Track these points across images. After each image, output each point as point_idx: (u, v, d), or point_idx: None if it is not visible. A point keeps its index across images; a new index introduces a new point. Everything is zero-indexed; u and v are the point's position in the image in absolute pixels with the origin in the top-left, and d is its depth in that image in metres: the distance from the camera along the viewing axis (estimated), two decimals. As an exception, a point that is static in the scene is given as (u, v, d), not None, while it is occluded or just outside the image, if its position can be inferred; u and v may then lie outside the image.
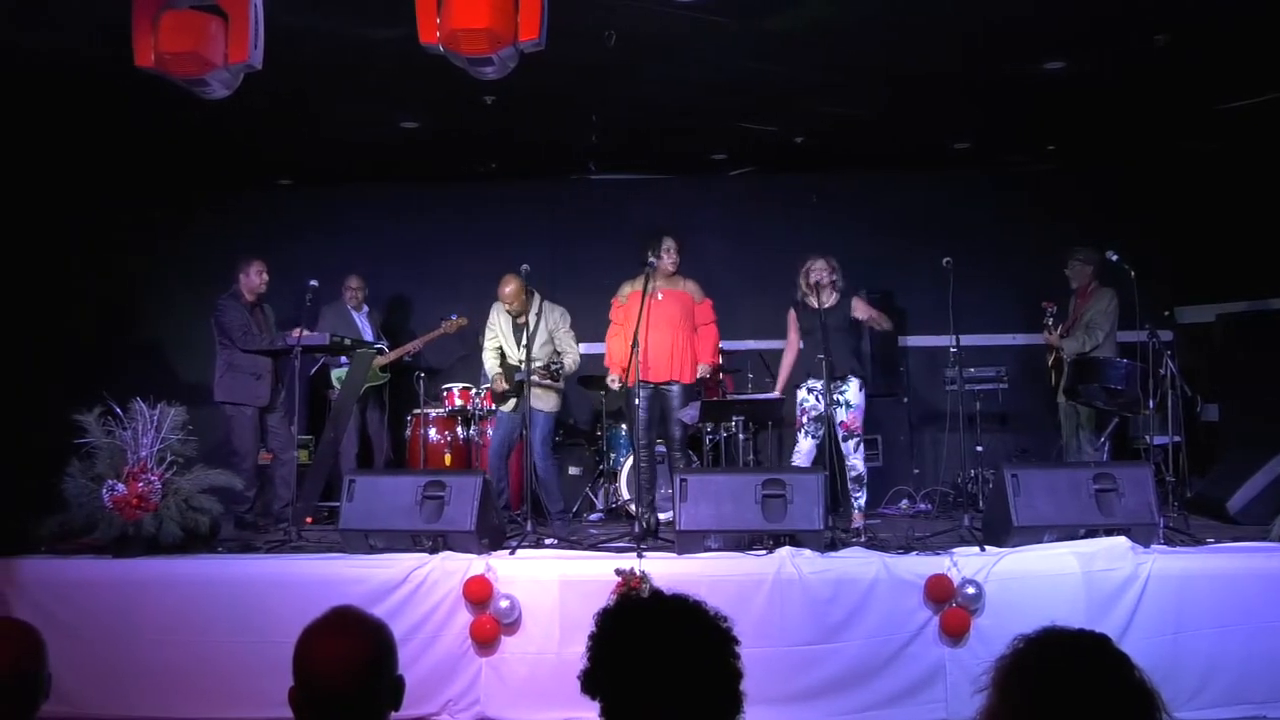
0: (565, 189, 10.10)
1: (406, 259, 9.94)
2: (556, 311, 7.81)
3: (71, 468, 6.42)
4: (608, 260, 8.64)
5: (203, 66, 4.97)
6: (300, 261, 8.71)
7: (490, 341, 7.98)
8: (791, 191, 9.82)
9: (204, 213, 9.88)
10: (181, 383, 9.05)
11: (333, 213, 10.00)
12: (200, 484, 6.55)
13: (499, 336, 7.92)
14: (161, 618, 6.05)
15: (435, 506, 6.28)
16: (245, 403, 7.97)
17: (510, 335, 7.82)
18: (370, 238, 9.92)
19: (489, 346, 7.98)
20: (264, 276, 8.17)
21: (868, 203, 9.75)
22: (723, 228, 9.82)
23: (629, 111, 8.14)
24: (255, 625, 5.90)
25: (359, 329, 8.94)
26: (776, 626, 5.77)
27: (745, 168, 9.84)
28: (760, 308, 9.31)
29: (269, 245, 8.78)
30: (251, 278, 8.16)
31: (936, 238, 8.34)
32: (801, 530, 6.12)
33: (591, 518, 8.57)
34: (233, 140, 8.54)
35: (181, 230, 9.86)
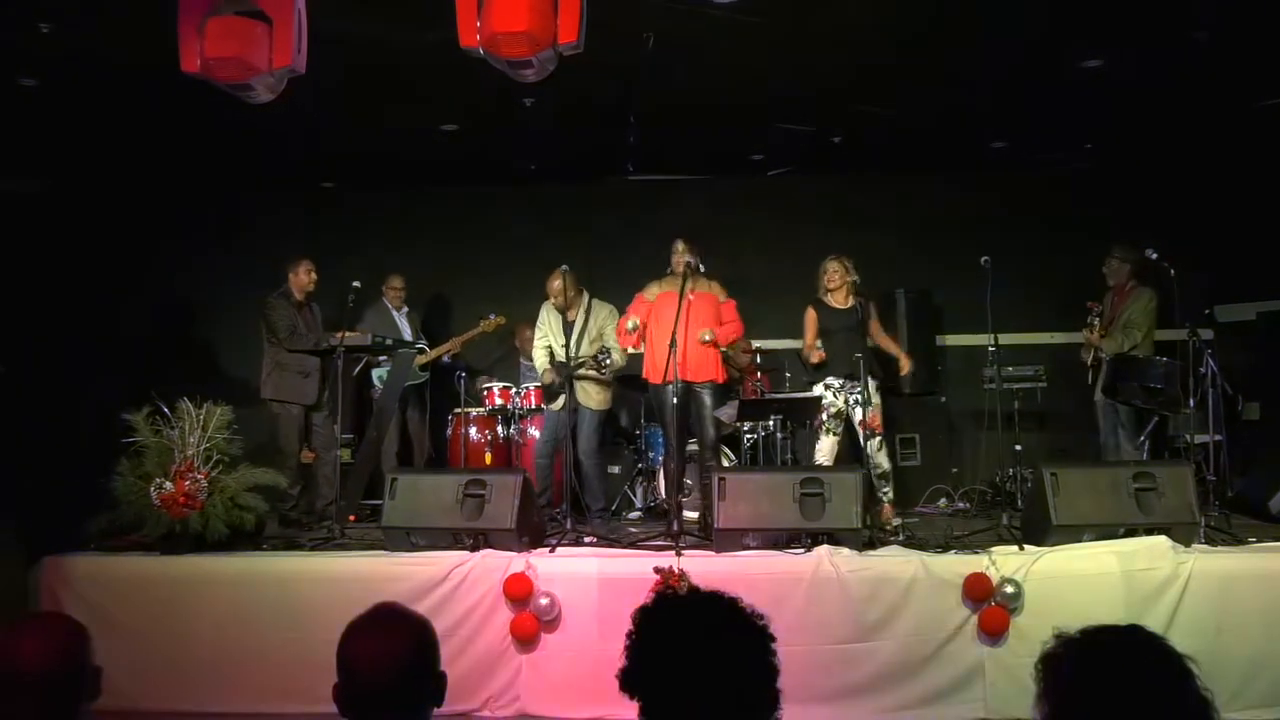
0: (603, 190, 10.10)
1: (445, 260, 9.99)
2: (605, 309, 7.86)
3: (120, 466, 6.50)
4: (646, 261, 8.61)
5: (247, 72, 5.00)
6: (342, 263, 8.75)
7: (540, 340, 8.04)
8: (830, 191, 9.78)
9: (251, 213, 9.95)
10: (228, 381, 9.13)
11: (374, 214, 10.05)
12: (245, 482, 6.62)
13: (548, 335, 7.97)
14: (208, 614, 6.11)
15: (476, 505, 6.30)
16: (292, 400, 8.03)
17: (560, 333, 7.88)
18: (410, 238, 9.97)
19: (539, 345, 8.05)
20: (312, 275, 8.25)
21: (906, 202, 9.69)
22: (761, 227, 9.79)
23: (666, 112, 8.13)
24: (299, 622, 5.95)
25: (400, 329, 8.99)
26: (814, 624, 5.75)
27: (783, 168, 9.81)
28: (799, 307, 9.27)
29: (313, 246, 8.84)
30: (300, 276, 8.24)
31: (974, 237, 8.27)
32: (839, 529, 6.10)
33: (630, 516, 8.56)
34: (275, 144, 8.60)
35: (230, 230, 9.93)
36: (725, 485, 6.26)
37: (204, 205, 9.90)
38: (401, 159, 9.35)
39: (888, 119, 8.27)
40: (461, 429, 8.82)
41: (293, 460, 7.97)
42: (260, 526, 6.79)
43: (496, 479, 6.41)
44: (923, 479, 8.97)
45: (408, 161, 9.43)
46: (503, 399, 8.83)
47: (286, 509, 7.80)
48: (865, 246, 7.76)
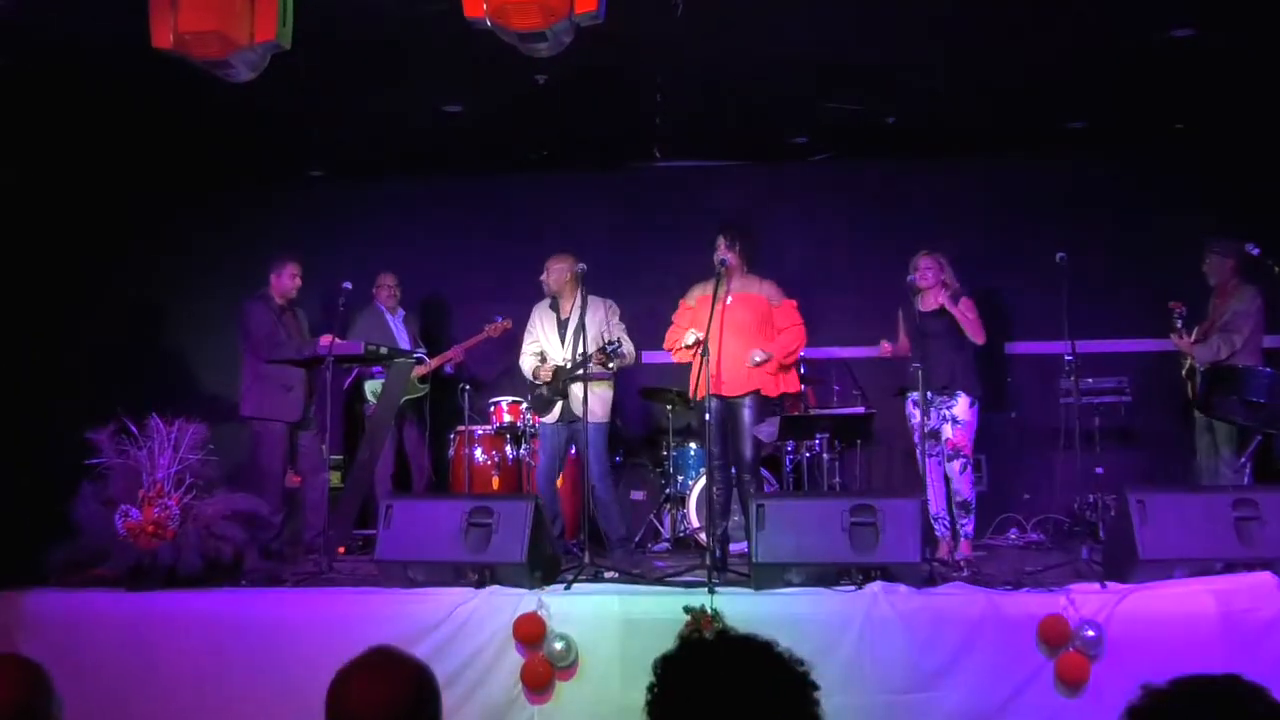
0: (626, 179, 10.12)
1: (447, 257, 10.03)
2: (604, 304, 7.84)
3: (82, 491, 6.53)
4: (674, 258, 8.64)
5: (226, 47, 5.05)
6: (331, 261, 8.82)
7: (529, 346, 8.05)
8: (882, 178, 9.77)
9: (227, 207, 10.02)
10: (203, 396, 9.19)
11: (367, 207, 10.11)
12: (223, 509, 6.63)
13: (539, 339, 7.98)
14: (179, 656, 6.11)
15: (482, 535, 6.30)
16: (274, 418, 8.08)
17: (554, 336, 7.88)
18: (408, 234, 10.02)
19: (528, 352, 8.06)
20: (297, 280, 8.30)
21: (969, 192, 9.66)
22: (803, 220, 9.79)
23: (698, 90, 8.13)
24: (283, 666, 5.94)
25: (395, 335, 9.02)
26: (867, 672, 5.71)
27: (829, 153, 9.80)
28: (846, 311, 9.27)
29: (297, 242, 8.89)
30: (284, 280, 8.28)
31: (1048, 230, 8.26)
32: (895, 563, 6.06)
33: (656, 548, 8.56)
34: (258, 128, 8.65)
35: (203, 227, 10.01)
36: (764, 513, 6.22)
37: (176, 198, 9.96)
38: (398, 144, 9.39)
39: (948, 96, 8.25)
40: (465, 449, 8.84)
41: (276, 484, 8.01)
42: (239, 559, 6.78)
43: (505, 506, 6.39)
44: (990, 507, 8.92)
45: (405, 147, 9.48)
46: (512, 415, 8.84)
47: (269, 539, 7.81)
48: (921, 241, 7.73)
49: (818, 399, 9.07)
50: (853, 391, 8.96)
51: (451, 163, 9.86)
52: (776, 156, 9.85)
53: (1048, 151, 9.52)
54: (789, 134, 9.40)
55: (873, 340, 7.96)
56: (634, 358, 7.87)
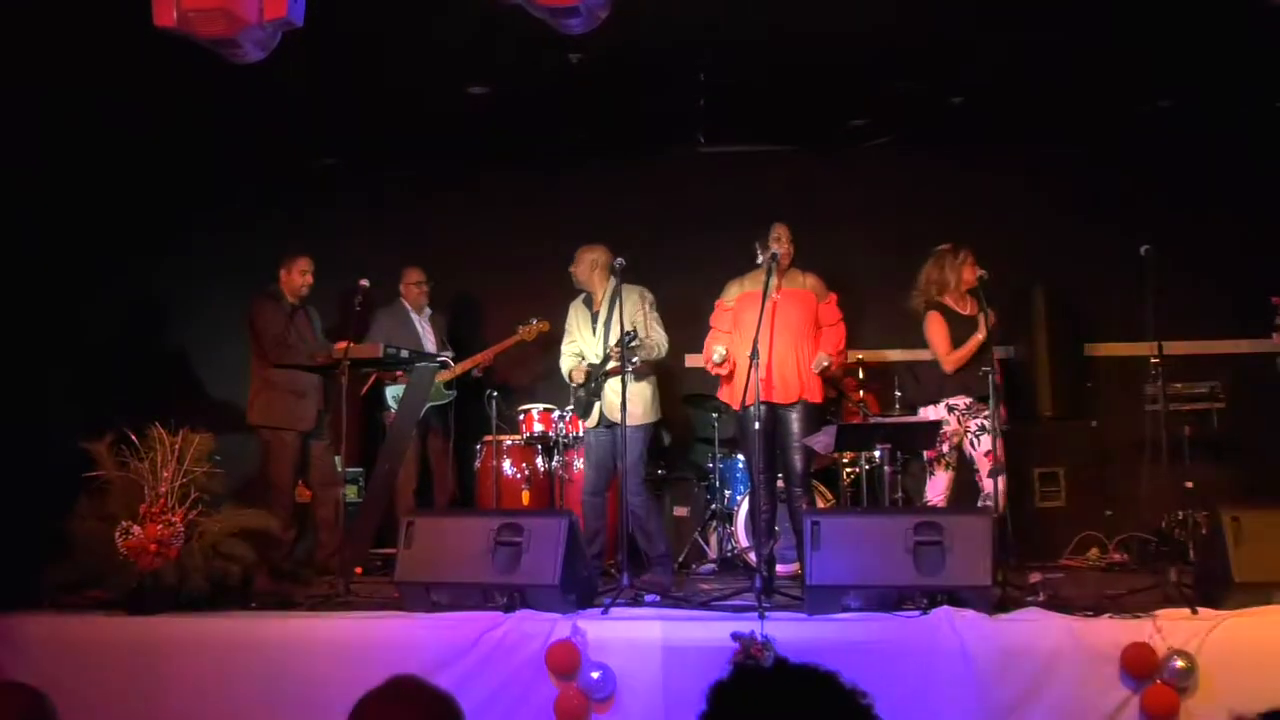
0: (666, 166, 10.11)
1: (475, 252, 10.06)
2: (635, 292, 7.81)
3: (79, 506, 6.59)
4: (719, 252, 8.62)
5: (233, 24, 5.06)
6: (347, 256, 8.84)
7: (568, 346, 8.07)
8: (946, 165, 9.72)
9: (233, 199, 10.08)
10: (210, 402, 9.26)
11: (385, 197, 10.16)
12: (230, 526, 6.68)
13: (576, 339, 8.01)
14: (183, 685, 6.14)
15: (511, 554, 6.31)
16: (285, 426, 8.12)
17: (589, 332, 7.91)
18: (431, 227, 10.07)
19: (567, 352, 8.07)
20: (308, 277, 8.34)
21: (1043, 178, 9.61)
22: (861, 211, 9.76)
23: (745, 69, 8.12)
24: (295, 697, 5.97)
25: (419, 337, 9.06)
26: (932, 706, 5.70)
27: (888, 136, 9.76)
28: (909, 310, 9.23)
29: (309, 236, 8.93)
30: (294, 276, 8.33)
31: (1131, 220, 8.19)
32: (964, 586, 6.03)
33: (702, 570, 8.55)
34: (267, 112, 8.70)
35: (207, 220, 10.07)
36: (819, 531, 6.22)
37: (179, 188, 10.01)
38: (420, 129, 9.42)
39: (1021, 73, 8.20)
40: (493, 461, 8.86)
41: (287, 499, 8.05)
42: (248, 580, 6.84)
43: (536, 523, 6.42)
44: (1068, 524, 8.87)
45: (428, 132, 9.50)
46: (544, 424, 8.85)
47: (280, 559, 7.86)
48: (991, 233, 7.70)
49: (878, 405, 9.03)
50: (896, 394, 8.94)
51: (478, 150, 9.87)
52: (831, 141, 9.81)
53: (1131, 133, 9.44)
54: (846, 116, 9.37)
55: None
56: (663, 349, 7.79)
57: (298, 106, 8.63)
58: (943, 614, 5.93)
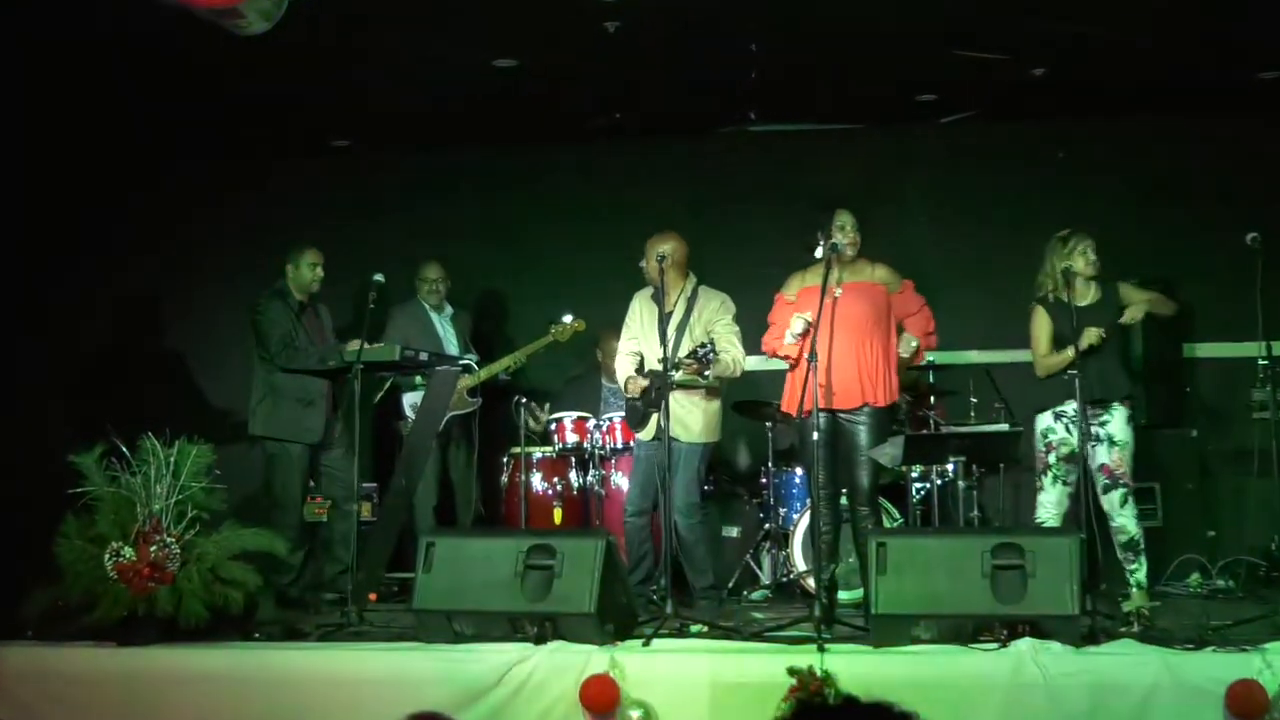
0: (714, 146, 10.12)
1: (502, 244, 10.07)
2: (716, 299, 7.78)
3: (65, 526, 6.59)
4: (772, 242, 8.60)
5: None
6: (360, 248, 8.84)
7: (627, 343, 8.00)
8: (1029, 144, 9.68)
9: (233, 185, 10.12)
10: (209, 411, 9.29)
11: (403, 183, 10.18)
12: (231, 547, 6.69)
13: (638, 337, 7.93)
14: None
15: (542, 579, 6.30)
16: (290, 438, 8.13)
17: (653, 333, 7.74)
18: (453, 216, 10.08)
19: (625, 350, 7.99)
20: (318, 271, 8.36)
21: (1137, 158, 9.55)
22: (931, 195, 9.73)
23: (802, 38, 8.09)
24: (303, 737, 6.00)
25: (439, 338, 9.06)
26: (1013, 750, 5.67)
27: (963, 113, 9.73)
28: (983, 305, 9.18)
29: (318, 226, 8.95)
30: (302, 271, 8.35)
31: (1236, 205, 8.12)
32: (1048, 615, 5.99)
33: (754, 597, 8.52)
34: (270, 88, 8.72)
35: (209, 206, 10.12)
36: (886, 553, 6.19)
37: (174, 173, 10.07)
38: (441, 107, 9.43)
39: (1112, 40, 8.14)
40: (522, 475, 8.84)
41: (294, 518, 8.06)
42: (251, 607, 6.85)
43: (570, 544, 6.41)
44: (1166, 546, 8.77)
45: (449, 111, 9.52)
46: (578, 434, 8.84)
47: (286, 584, 7.87)
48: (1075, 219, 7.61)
49: (950, 413, 8.98)
50: (994, 404, 8.85)
51: (504, 130, 9.89)
52: (898, 118, 9.81)
53: (1236, 109, 9.37)
54: (914, 90, 9.33)
55: (1016, 341, 7.84)
56: (739, 368, 7.73)
57: (305, 81, 8.64)
58: (1024, 647, 5.89)
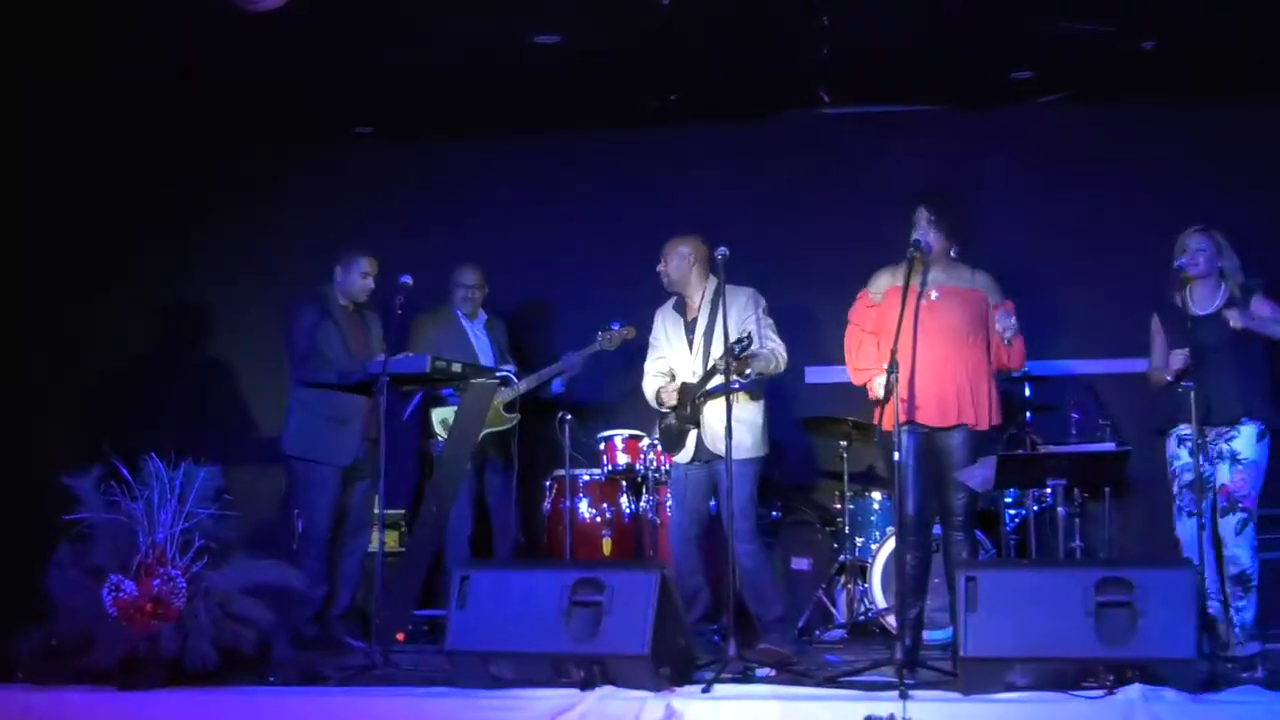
0: (781, 131, 10.09)
1: (541, 241, 10.11)
2: (743, 295, 7.70)
3: (58, 556, 6.63)
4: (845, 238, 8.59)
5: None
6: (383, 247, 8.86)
7: (653, 364, 7.98)
8: (1140, 127, 9.63)
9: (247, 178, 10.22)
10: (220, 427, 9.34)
11: (432, 175, 10.24)
12: (244, 581, 6.70)
13: (664, 352, 7.91)
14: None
15: (590, 617, 6.29)
16: (319, 460, 8.13)
17: (681, 344, 7.78)
18: (488, 212, 10.12)
19: (651, 370, 7.98)
20: (369, 281, 8.34)
21: (1259, 143, 9.49)
22: (1025, 186, 9.70)
23: (879, 8, 8.08)
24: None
25: (473, 347, 9.08)
26: (1122, 810, 5.63)
27: (1062, 92, 9.68)
28: (1086, 310, 9.15)
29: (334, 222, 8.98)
30: (353, 278, 8.34)
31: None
32: (1161, 659, 5.94)
33: (828, 636, 8.49)
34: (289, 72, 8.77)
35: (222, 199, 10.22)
36: (977, 588, 6.15)
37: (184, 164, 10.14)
38: (474, 89, 9.46)
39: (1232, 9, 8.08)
40: (567, 500, 8.85)
41: (318, 549, 8.07)
42: (265, 648, 6.85)
43: (621, 578, 6.39)
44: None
45: (484, 94, 9.55)
46: (630, 454, 8.87)
47: (305, 621, 7.90)
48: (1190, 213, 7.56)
49: (1049, 432, 8.93)
50: (1099, 421, 8.80)
51: (545, 115, 9.92)
52: (989, 98, 9.78)
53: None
54: (1008, 67, 9.30)
55: (1123, 349, 7.80)
56: (782, 361, 7.69)
57: (324, 62, 8.69)
58: (1134, 694, 5.83)
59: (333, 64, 8.76)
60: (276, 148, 10.13)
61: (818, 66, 8.98)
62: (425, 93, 9.52)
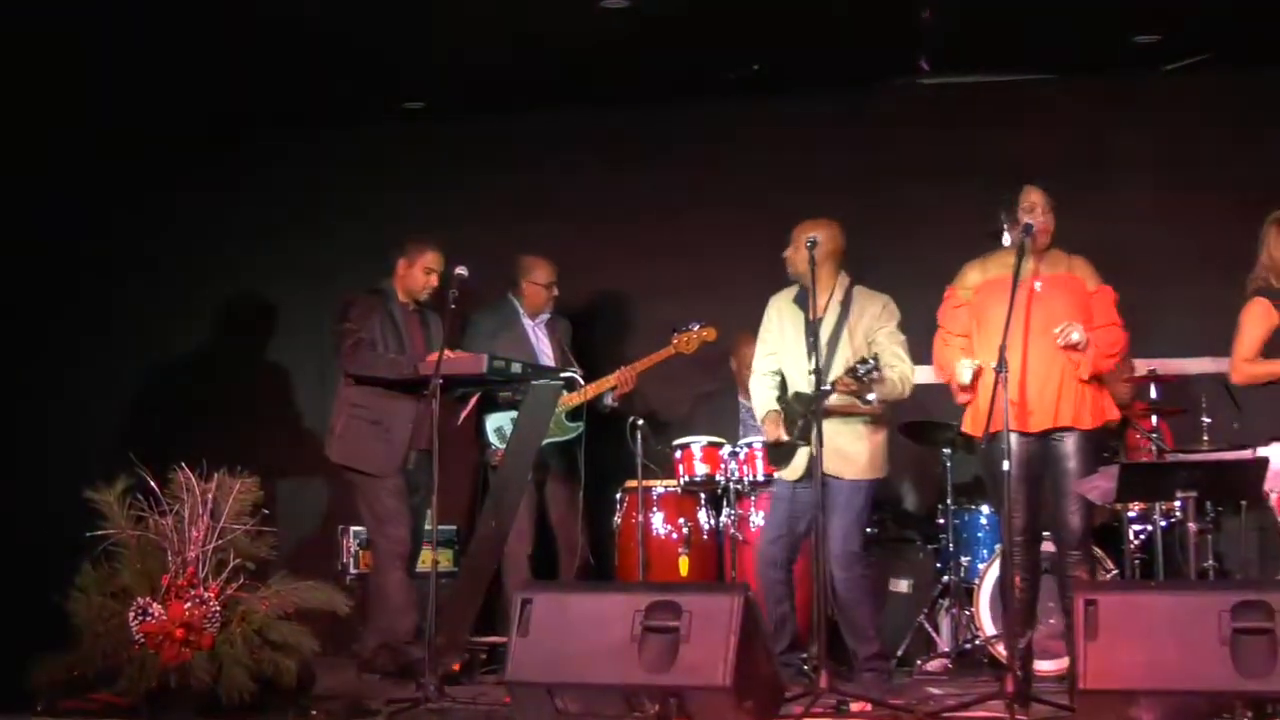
0: (875, 104, 10.11)
1: (610, 229, 10.15)
2: (877, 302, 7.73)
3: (80, 577, 6.72)
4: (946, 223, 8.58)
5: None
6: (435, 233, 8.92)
7: (765, 360, 7.94)
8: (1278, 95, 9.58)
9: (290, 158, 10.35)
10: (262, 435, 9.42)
11: (490, 155, 10.29)
12: (283, 605, 6.76)
13: (777, 351, 7.88)
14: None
15: (665, 645, 6.30)
16: (365, 469, 8.20)
17: (798, 345, 7.69)
18: (548, 195, 10.18)
19: (761, 369, 7.94)
20: (432, 278, 8.35)
21: None
22: (1152, 164, 9.65)
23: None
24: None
25: (533, 347, 9.14)
26: None
27: (1193, 57, 9.64)
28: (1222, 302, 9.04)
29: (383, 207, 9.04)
30: (415, 273, 8.37)
31: None
32: (1308, 693, 5.95)
33: (929, 667, 8.50)
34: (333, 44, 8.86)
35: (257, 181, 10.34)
36: (1096, 613, 6.15)
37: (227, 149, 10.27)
38: (536, 59, 9.51)
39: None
40: (639, 515, 8.88)
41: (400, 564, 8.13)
42: (306, 678, 6.93)
43: (699, 601, 6.39)
44: None
45: (547, 64, 9.59)
46: (709, 465, 8.85)
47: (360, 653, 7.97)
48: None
49: (1177, 437, 8.91)
50: (1233, 425, 8.76)
51: (614, 88, 9.95)
52: (1111, 65, 9.73)
53: None
54: (1131, 30, 9.26)
55: (1266, 347, 7.78)
56: (907, 388, 7.65)
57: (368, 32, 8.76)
58: (1279, 734, 5.86)
59: (380, 31, 8.84)
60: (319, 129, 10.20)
61: (916, 32, 8.98)
62: (481, 62, 9.55)
